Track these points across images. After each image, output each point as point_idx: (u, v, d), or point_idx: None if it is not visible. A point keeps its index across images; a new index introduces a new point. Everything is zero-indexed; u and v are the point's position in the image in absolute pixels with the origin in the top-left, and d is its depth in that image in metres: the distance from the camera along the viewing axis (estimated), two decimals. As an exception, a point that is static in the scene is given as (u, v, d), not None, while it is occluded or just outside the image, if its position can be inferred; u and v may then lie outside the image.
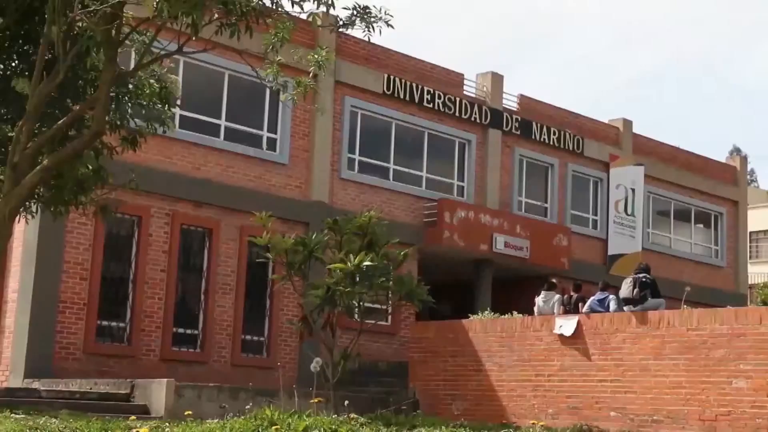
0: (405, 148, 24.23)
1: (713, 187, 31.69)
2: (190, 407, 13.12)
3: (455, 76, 25.37)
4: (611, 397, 14.77)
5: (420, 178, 24.38)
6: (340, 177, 22.57)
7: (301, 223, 21.05)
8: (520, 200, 26.41)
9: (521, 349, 16.20)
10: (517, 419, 15.54)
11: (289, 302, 20.45)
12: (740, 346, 13.39)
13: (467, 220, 23.96)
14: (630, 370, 14.64)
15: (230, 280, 20.19)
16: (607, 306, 17.45)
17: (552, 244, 25.67)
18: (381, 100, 23.52)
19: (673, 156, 30.95)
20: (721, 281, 31.36)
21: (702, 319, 14.01)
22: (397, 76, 23.81)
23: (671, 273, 28.40)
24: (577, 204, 27.87)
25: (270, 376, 19.05)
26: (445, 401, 16.97)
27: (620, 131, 29.18)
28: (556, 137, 27.08)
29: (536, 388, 15.79)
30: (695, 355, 13.90)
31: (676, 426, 13.86)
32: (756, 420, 12.99)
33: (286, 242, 12.65)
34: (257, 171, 21.14)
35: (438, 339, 17.55)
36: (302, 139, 21.96)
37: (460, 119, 25.02)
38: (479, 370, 16.67)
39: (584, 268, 26.32)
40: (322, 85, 21.80)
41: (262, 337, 20.75)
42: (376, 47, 23.20)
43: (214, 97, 20.79)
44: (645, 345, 14.55)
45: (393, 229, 18.22)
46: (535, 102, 27.14)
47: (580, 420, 14.85)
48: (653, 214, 30.23)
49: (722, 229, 32.05)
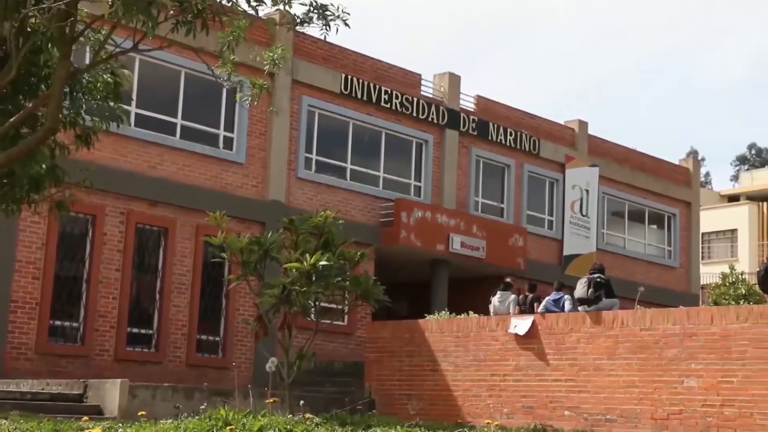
0: (362, 148, 24.25)
1: (666, 188, 32.08)
2: (144, 407, 13.02)
3: (412, 76, 25.43)
4: (566, 397, 14.89)
5: (377, 178, 24.40)
6: (297, 176, 22.52)
7: (258, 222, 20.99)
8: (476, 200, 26.54)
9: (477, 349, 16.27)
10: (472, 419, 15.61)
11: (244, 302, 20.37)
12: (692, 346, 13.56)
13: (424, 220, 24.02)
14: (584, 370, 14.77)
15: (185, 280, 20.07)
16: (562, 306, 17.60)
17: (508, 245, 25.82)
18: (338, 100, 23.51)
19: (628, 157, 31.28)
20: (674, 282, 31.75)
21: (655, 319, 14.16)
22: (355, 75, 23.81)
23: (625, 273, 28.72)
24: (533, 204, 28.07)
25: (225, 376, 18.97)
26: (400, 401, 17.00)
27: (576, 132, 29.43)
28: (513, 138, 27.25)
29: (492, 388, 15.87)
30: (648, 354, 14.05)
31: (629, 425, 14.00)
32: (706, 419, 13.16)
33: (241, 242, 12.59)
34: (213, 170, 21.03)
35: (394, 339, 17.57)
36: (259, 138, 21.89)
37: (417, 119, 25.08)
38: (435, 369, 16.72)
39: (540, 269, 26.52)
40: (279, 84, 21.76)
41: (217, 336, 20.64)
42: (334, 47, 23.19)
43: (170, 95, 20.65)
44: (599, 345, 14.68)
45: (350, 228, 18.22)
46: (492, 103, 27.29)
47: (534, 419, 14.95)
48: (607, 215, 30.52)
49: (675, 230, 32.44)
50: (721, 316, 13.44)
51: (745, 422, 12.79)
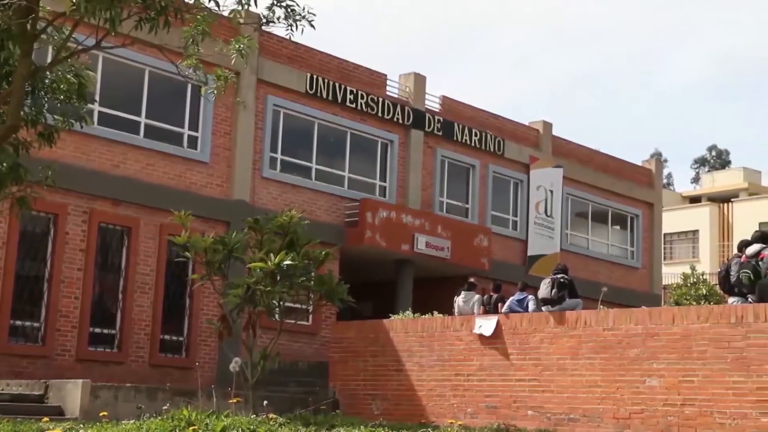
0: (327, 148, 24.22)
1: (629, 189, 32.34)
2: (106, 408, 12.93)
3: (378, 76, 25.44)
4: (529, 396, 14.95)
5: (342, 178, 24.39)
6: (262, 176, 22.45)
7: (222, 222, 20.90)
8: (441, 201, 26.60)
9: (441, 348, 16.31)
10: (436, 419, 15.64)
11: (209, 302, 20.27)
12: (654, 346, 13.67)
13: (389, 220, 24.04)
14: (547, 370, 14.84)
15: (149, 279, 19.94)
16: (525, 306, 17.68)
17: (473, 245, 25.91)
18: (304, 100, 23.46)
19: (591, 158, 31.50)
20: (637, 282, 32.02)
21: (617, 319, 14.27)
22: (320, 75, 23.78)
23: (588, 274, 28.94)
24: (498, 205, 28.19)
25: (189, 376, 18.88)
26: (365, 401, 17.00)
27: (540, 133, 29.59)
28: (478, 138, 27.35)
29: (456, 388, 15.91)
30: (610, 354, 14.15)
31: (592, 424, 14.09)
32: (667, 418, 13.29)
33: (205, 241, 12.54)
34: (178, 169, 20.91)
35: (359, 339, 17.57)
36: (224, 137, 21.79)
37: (382, 119, 25.10)
38: (399, 369, 16.74)
39: (504, 269, 26.63)
40: (245, 83, 21.69)
41: (181, 336, 20.53)
42: (299, 46, 23.15)
43: (133, 93, 20.50)
44: (562, 345, 14.76)
45: (315, 228, 18.20)
46: (457, 103, 27.37)
47: (498, 419, 15.00)
48: (571, 216, 30.72)
49: (638, 230, 32.72)
50: (682, 317, 13.57)
51: (705, 421, 12.92)
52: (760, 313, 12.72)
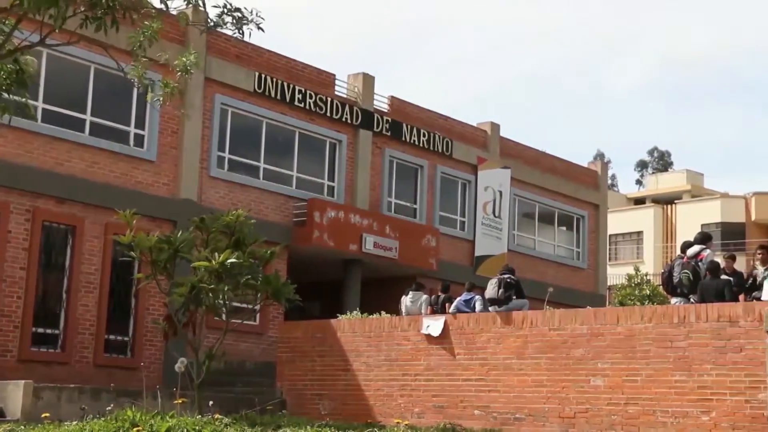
0: (276, 147, 24.13)
1: (576, 190, 32.67)
2: (49, 409, 12.76)
3: (326, 76, 25.40)
4: (475, 396, 15.03)
5: (290, 178, 24.31)
6: (210, 175, 22.30)
7: (169, 221, 20.72)
8: (389, 201, 26.64)
9: (389, 348, 16.33)
10: (383, 418, 15.66)
11: (155, 301, 20.08)
12: (598, 346, 13.82)
13: (337, 220, 24.02)
14: (494, 369, 14.93)
15: (94, 279, 19.70)
16: (473, 306, 17.77)
17: (421, 245, 25.99)
18: (252, 99, 23.35)
19: (538, 160, 31.76)
20: (582, 282, 32.35)
21: (563, 319, 14.40)
22: (269, 74, 23.68)
23: (535, 274, 29.18)
24: (446, 205, 28.30)
25: (134, 376, 18.67)
26: (312, 401, 16.97)
27: (488, 134, 29.77)
28: (426, 139, 27.44)
29: (403, 388, 15.94)
30: (556, 354, 14.27)
31: (537, 423, 14.21)
32: (611, 417, 13.44)
33: (150, 240, 12.43)
34: (123, 167, 20.69)
35: (306, 339, 17.53)
36: (171, 136, 21.60)
37: (331, 119, 25.07)
38: (347, 369, 16.73)
39: (452, 269, 26.74)
40: (192, 82, 21.45)
41: (126, 336, 20.31)
42: (248, 45, 23.02)
43: (79, 91, 20.24)
44: (509, 345, 14.86)
45: (262, 228, 18.13)
46: (406, 104, 27.43)
47: (445, 419, 15.06)
48: (519, 217, 30.95)
49: (584, 231, 33.06)
50: (626, 317, 13.73)
51: (647, 420, 13.10)
52: (702, 313, 12.93)
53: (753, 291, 14.75)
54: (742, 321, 12.55)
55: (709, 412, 12.59)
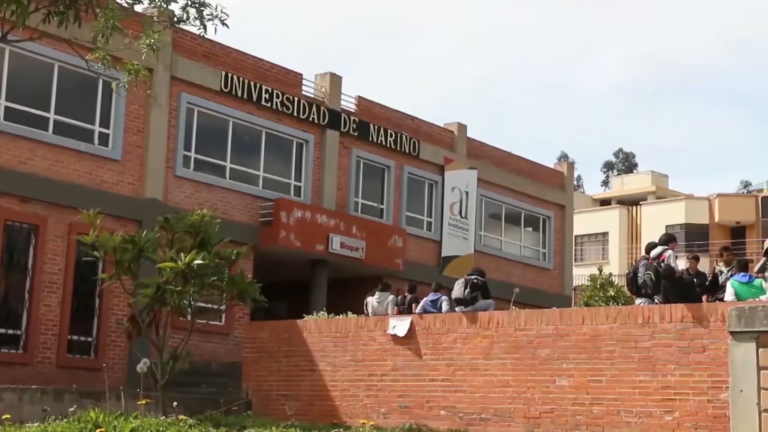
0: (242, 147, 24.01)
1: (542, 191, 32.80)
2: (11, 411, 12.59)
3: (294, 75, 25.32)
4: (442, 396, 15.04)
5: (257, 178, 24.20)
6: (175, 174, 22.15)
7: (134, 221, 20.54)
8: (356, 201, 26.60)
9: (355, 349, 16.30)
10: (349, 419, 15.63)
11: (119, 301, 19.90)
12: (564, 346, 13.88)
13: (304, 220, 23.95)
14: (460, 370, 14.95)
15: (57, 279, 19.49)
16: (439, 307, 17.78)
17: (387, 245, 25.98)
18: (218, 98, 23.22)
19: (505, 160, 31.86)
20: (548, 283, 32.49)
21: (529, 319, 14.44)
22: (235, 73, 23.57)
23: (501, 275, 29.25)
24: (413, 206, 28.31)
25: (98, 377, 18.46)
26: (278, 401, 16.90)
27: (455, 135, 29.81)
28: (393, 139, 27.43)
29: (369, 388, 15.92)
30: (522, 354, 14.31)
31: (503, 423, 14.24)
32: (576, 417, 13.50)
33: (114, 240, 12.31)
34: (88, 166, 20.49)
35: (272, 339, 17.46)
36: (136, 135, 21.43)
37: (298, 119, 24.99)
38: (313, 370, 16.68)
39: (418, 269, 26.76)
40: (158, 80, 21.36)
41: (89, 337, 20.12)
42: (214, 44, 22.90)
43: (42, 88, 20.01)
44: (475, 345, 14.88)
45: (228, 228, 18.04)
46: (373, 104, 27.41)
47: (411, 419, 15.05)
48: (485, 217, 31.02)
49: (549, 232, 33.20)
50: (591, 317, 13.80)
51: (612, 420, 13.17)
52: (666, 313, 13.02)
53: (716, 292, 14.90)
54: (705, 321, 12.65)
55: (672, 412, 12.68)
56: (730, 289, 13.96)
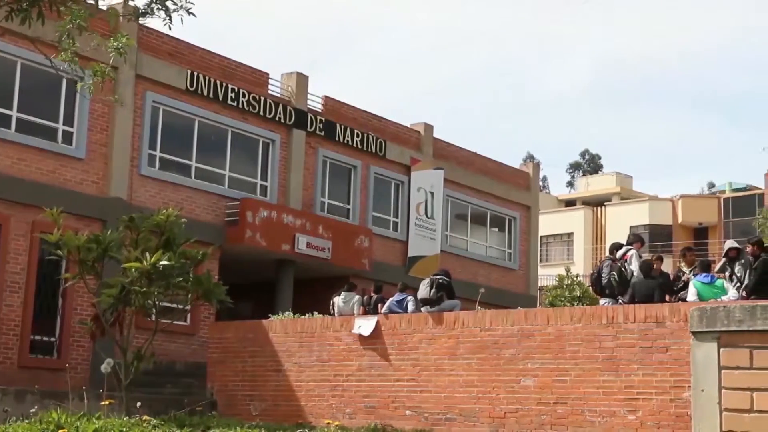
0: (208, 146, 23.90)
1: (507, 192, 32.93)
2: (-29, 412, 12.42)
3: (260, 75, 25.24)
4: (407, 396, 15.05)
5: (223, 177, 24.10)
6: (140, 173, 22.00)
7: (98, 220, 20.39)
8: (323, 201, 26.57)
9: (321, 349, 16.27)
10: (314, 419, 15.60)
11: (82, 301, 19.74)
12: (529, 346, 13.94)
13: (270, 219, 23.88)
14: (426, 370, 14.97)
15: (19, 278, 19.29)
16: (405, 307, 17.79)
17: (354, 245, 25.97)
18: (184, 97, 23.10)
19: (471, 161, 31.95)
20: (513, 283, 32.62)
21: (494, 319, 14.49)
22: (201, 72, 23.45)
23: (467, 275, 29.33)
24: (379, 206, 28.32)
25: (60, 378, 18.29)
26: (243, 402, 16.84)
27: (421, 135, 29.86)
28: (360, 139, 27.42)
29: (335, 388, 15.90)
30: (487, 354, 14.35)
31: (468, 423, 14.27)
32: (541, 416, 13.57)
33: (79, 239, 12.20)
34: (51, 165, 20.31)
35: (237, 339, 17.39)
36: (100, 133, 21.26)
37: (264, 118, 24.91)
38: (278, 370, 16.64)
39: (385, 270, 26.77)
40: (123, 78, 21.21)
41: (52, 337, 19.93)
42: (180, 42, 22.78)
43: (5, 86, 19.80)
44: (441, 345, 14.91)
45: (194, 227, 17.95)
46: (340, 104, 27.39)
47: (376, 419, 15.05)
48: (451, 218, 31.09)
49: (515, 233, 33.34)
50: (556, 317, 13.87)
51: (576, 419, 13.25)
52: (629, 313, 13.11)
53: (679, 292, 15.04)
54: (668, 322, 12.76)
55: (635, 411, 12.77)
56: (693, 289, 14.11)
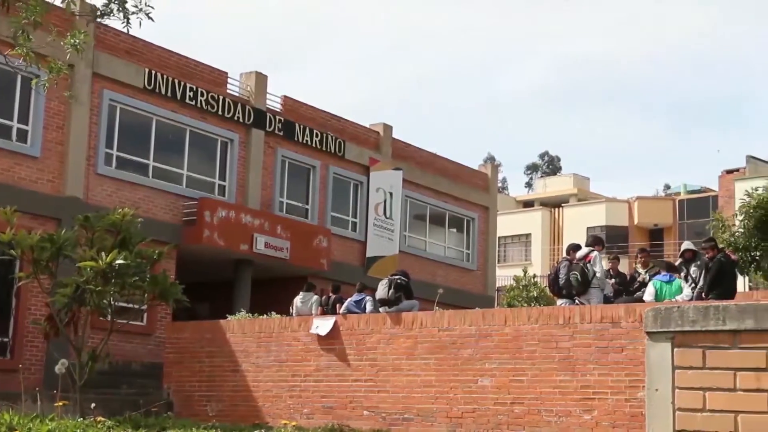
0: (166, 145, 23.72)
1: (466, 193, 33.04)
2: None
3: (219, 74, 25.11)
4: (365, 397, 15.05)
5: (181, 176, 23.94)
6: (97, 172, 21.78)
7: (53, 219, 20.15)
8: (281, 201, 26.49)
9: (279, 349, 16.23)
10: (272, 419, 15.54)
11: (36, 301, 19.48)
12: (486, 346, 14.00)
13: (228, 219, 23.76)
14: (384, 370, 14.98)
15: (-28, 278, 19.02)
16: (363, 307, 17.81)
17: (312, 246, 25.92)
18: (142, 95, 22.90)
19: (430, 162, 32.02)
20: (472, 284, 32.75)
21: (452, 320, 14.53)
22: (159, 71, 23.28)
23: (426, 275, 29.40)
24: (338, 206, 28.29)
25: (13, 378, 18.04)
26: (200, 402, 16.74)
27: (380, 136, 29.88)
28: (319, 139, 27.38)
29: (292, 389, 15.86)
30: (445, 354, 14.39)
31: (426, 423, 14.30)
32: (498, 416, 13.63)
33: (32, 238, 12.05)
34: (5, 163, 20.04)
35: (195, 339, 17.29)
36: (56, 131, 21.02)
37: (223, 118, 24.78)
38: (236, 370, 16.56)
39: (343, 270, 26.75)
40: (79, 76, 20.99)
41: (5, 337, 19.66)
42: (138, 40, 22.58)
43: (-42, 82, 19.53)
44: (399, 345, 14.93)
45: (151, 227, 17.81)
46: (299, 104, 27.32)
47: (334, 419, 15.04)
48: (410, 218, 31.14)
49: (474, 233, 33.47)
50: (513, 318, 13.95)
51: (532, 419, 13.33)
52: (586, 314, 13.22)
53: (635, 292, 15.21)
54: (623, 322, 12.87)
55: (591, 411, 12.88)
56: (651, 289, 14.29)
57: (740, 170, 44.73)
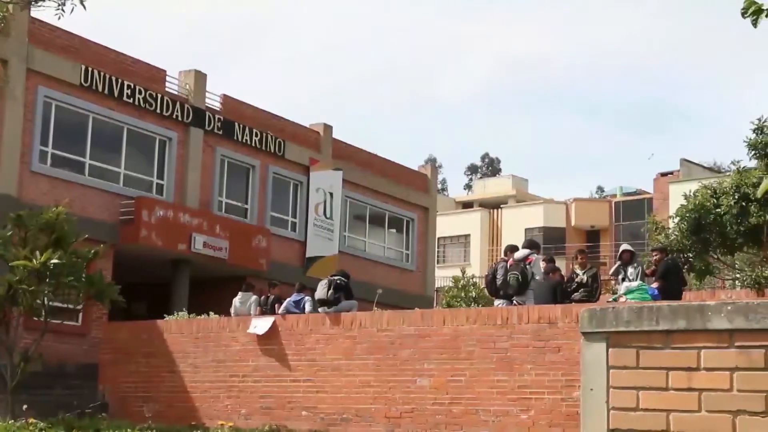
0: (102, 143, 23.41)
1: (406, 193, 33.14)
2: None
3: (157, 71, 24.85)
4: (303, 397, 15.02)
5: (118, 175, 23.64)
6: (31, 170, 21.42)
7: (-14, 217, 19.75)
8: (220, 200, 26.31)
9: (217, 350, 16.11)
10: (209, 420, 15.44)
11: (-32, 301, 19.11)
12: (425, 347, 14.05)
13: (166, 218, 23.52)
14: (323, 370, 14.96)
15: None
16: (302, 307, 17.75)
17: (251, 245, 25.78)
18: (78, 92, 22.57)
19: (370, 162, 32.05)
20: (411, 284, 32.84)
21: (391, 320, 14.57)
22: (96, 68, 22.96)
23: (365, 276, 29.38)
24: (277, 206, 28.18)
25: (-56, 380, 17.70)
26: (136, 403, 16.55)
27: (321, 136, 29.83)
28: (258, 139, 27.25)
29: (230, 389, 15.77)
30: (384, 355, 14.43)
31: (364, 423, 14.32)
32: (436, 416, 13.69)
33: (-37, 237, 11.82)
34: (-64, 160, 19.62)
35: (131, 340, 17.09)
36: (-11, 127, 20.62)
37: (161, 116, 24.53)
38: (173, 371, 16.41)
39: (283, 270, 26.64)
40: (13, 72, 20.63)
41: (-64, 338, 19.23)
42: (74, 36, 22.25)
43: None
44: (338, 345, 14.92)
45: (87, 226, 17.56)
46: (239, 103, 27.16)
47: (272, 420, 14.98)
48: (350, 218, 31.14)
49: (413, 234, 33.58)
50: (452, 318, 14.03)
51: (470, 419, 13.41)
52: (524, 315, 13.34)
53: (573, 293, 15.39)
54: (560, 322, 13.02)
55: (528, 410, 13.00)
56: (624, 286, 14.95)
57: (674, 173, 45.48)
